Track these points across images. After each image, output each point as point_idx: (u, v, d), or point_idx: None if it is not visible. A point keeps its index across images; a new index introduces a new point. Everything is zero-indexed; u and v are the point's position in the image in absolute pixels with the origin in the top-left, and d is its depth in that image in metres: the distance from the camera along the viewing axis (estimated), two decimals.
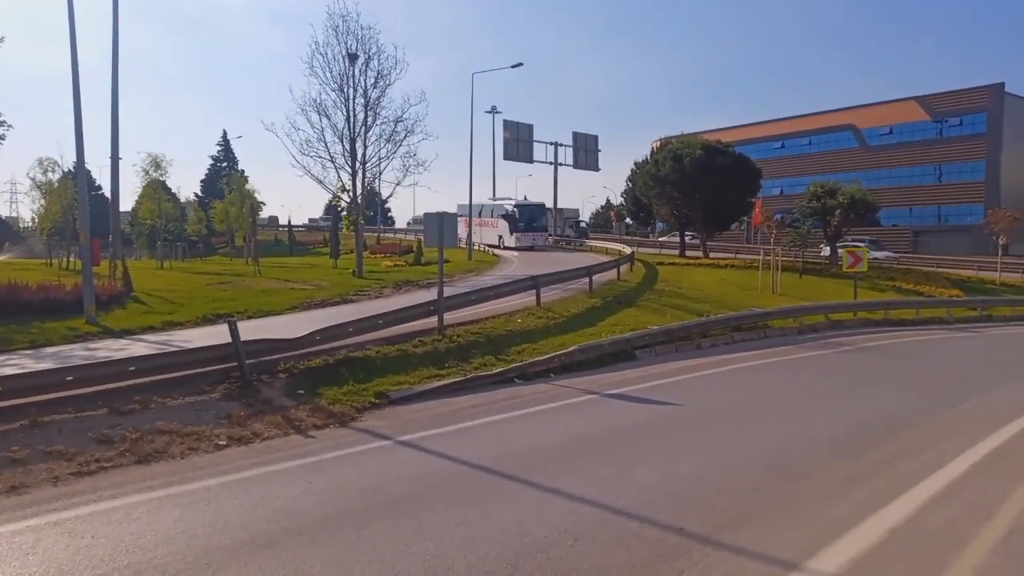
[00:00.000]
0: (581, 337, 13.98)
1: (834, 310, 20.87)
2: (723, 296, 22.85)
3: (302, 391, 9.77)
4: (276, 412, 8.87)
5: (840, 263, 27.91)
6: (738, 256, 39.05)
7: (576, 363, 12.39)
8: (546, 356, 12.27)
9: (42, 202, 36.33)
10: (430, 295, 16.70)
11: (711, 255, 40.74)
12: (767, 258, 27.39)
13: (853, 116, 65.50)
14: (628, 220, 54.01)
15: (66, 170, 34.83)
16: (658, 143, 46.32)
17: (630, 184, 47.41)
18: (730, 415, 9.63)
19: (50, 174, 35.42)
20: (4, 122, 21.20)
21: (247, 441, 7.85)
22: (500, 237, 45.17)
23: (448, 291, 15.34)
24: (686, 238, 41.64)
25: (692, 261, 36.79)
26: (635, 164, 45.80)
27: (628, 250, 34.89)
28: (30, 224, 53.76)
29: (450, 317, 14.41)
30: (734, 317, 17.36)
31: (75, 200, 27.40)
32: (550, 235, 49.36)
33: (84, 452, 7.21)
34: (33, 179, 36.01)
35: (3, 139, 20.89)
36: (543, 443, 8.00)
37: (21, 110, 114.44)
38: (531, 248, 42.56)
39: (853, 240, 40.30)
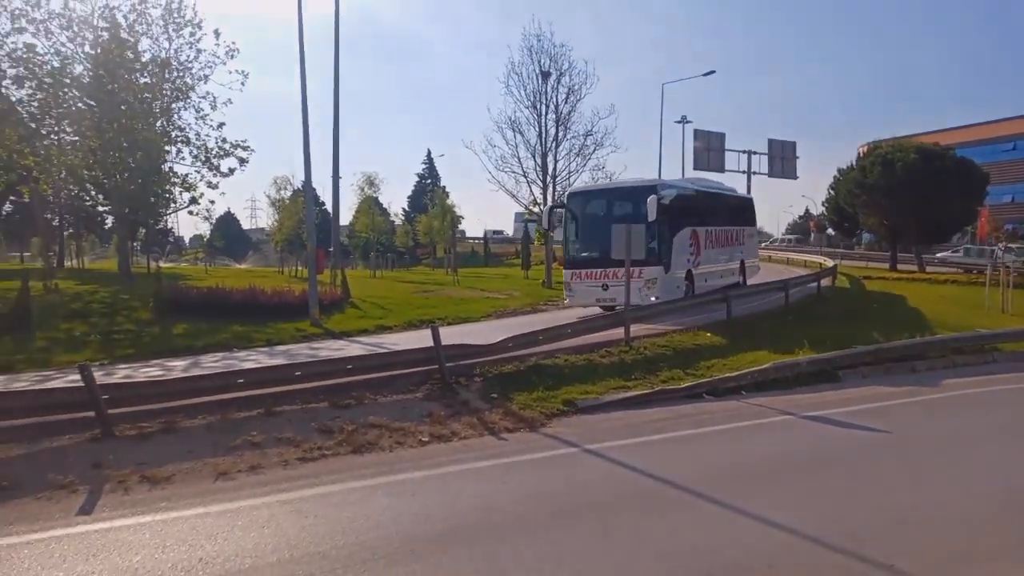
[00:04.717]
0: (774, 354, 13.32)
1: None
2: (941, 315, 20.57)
3: (495, 395, 10.27)
4: (472, 414, 9.42)
5: None
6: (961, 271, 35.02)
7: (770, 381, 11.82)
8: (737, 372, 11.84)
9: (276, 216, 41.27)
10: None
11: (927, 269, 36.93)
12: (994, 273, 24.28)
13: None
14: (830, 230, 50.26)
15: (296, 187, 39.25)
16: (865, 148, 42.62)
17: (832, 192, 43.91)
18: (949, 446, 8.69)
19: (283, 192, 40.21)
20: (249, 147, 24.28)
21: (446, 439, 8.43)
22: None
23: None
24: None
25: (904, 275, 33.58)
26: (838, 171, 42.42)
27: (830, 263, 32.59)
28: (266, 236, 61.17)
29: (636, 329, 14.37)
30: (954, 338, 15.59)
31: (304, 215, 30.79)
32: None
33: (308, 440, 8.13)
34: (269, 196, 41.12)
35: (247, 162, 23.99)
36: (733, 462, 7.78)
37: (253, 133, 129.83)
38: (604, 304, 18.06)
39: None
